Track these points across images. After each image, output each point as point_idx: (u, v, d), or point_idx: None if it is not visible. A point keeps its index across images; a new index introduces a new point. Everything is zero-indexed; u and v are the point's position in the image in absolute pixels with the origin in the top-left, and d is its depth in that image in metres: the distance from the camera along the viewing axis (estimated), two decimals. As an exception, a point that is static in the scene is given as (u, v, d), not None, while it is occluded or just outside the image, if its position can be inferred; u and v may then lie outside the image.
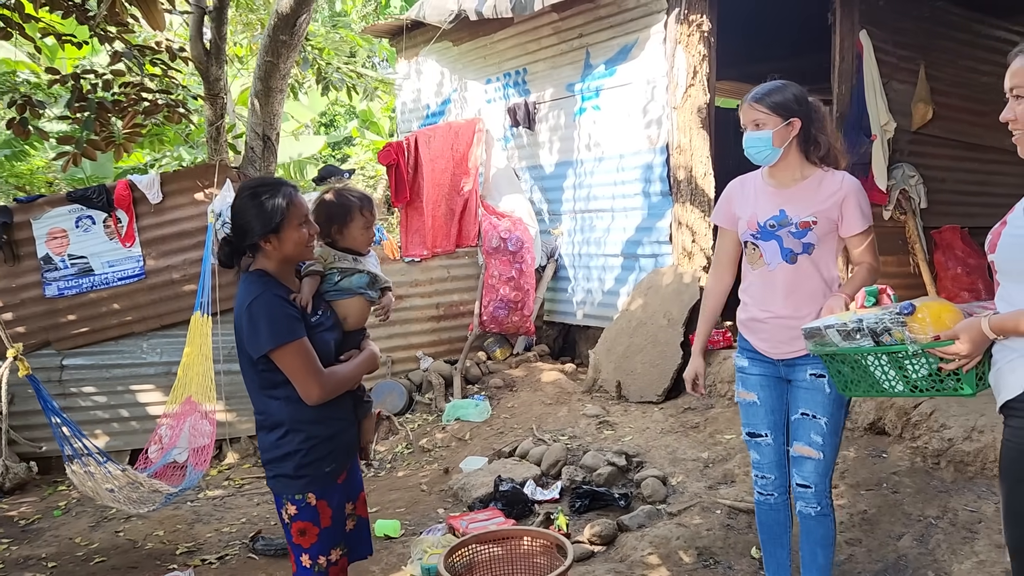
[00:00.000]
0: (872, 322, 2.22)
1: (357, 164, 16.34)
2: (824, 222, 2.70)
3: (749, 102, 2.72)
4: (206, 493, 5.48)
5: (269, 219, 2.31)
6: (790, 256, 2.73)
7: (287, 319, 2.28)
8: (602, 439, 5.21)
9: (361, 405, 2.62)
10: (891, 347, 2.20)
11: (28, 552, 4.55)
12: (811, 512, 2.80)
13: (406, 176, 7.21)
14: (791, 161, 2.75)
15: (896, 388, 2.28)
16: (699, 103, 6.11)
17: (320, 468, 2.38)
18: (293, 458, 2.36)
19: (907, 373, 2.22)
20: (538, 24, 7.29)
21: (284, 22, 5.69)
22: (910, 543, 3.54)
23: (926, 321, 2.11)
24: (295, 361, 2.28)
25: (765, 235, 2.76)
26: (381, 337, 6.90)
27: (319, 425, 2.38)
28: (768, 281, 2.79)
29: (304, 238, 2.37)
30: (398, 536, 4.39)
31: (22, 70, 9.58)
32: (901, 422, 4.36)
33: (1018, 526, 1.89)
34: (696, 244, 6.17)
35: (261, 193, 2.34)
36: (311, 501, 2.38)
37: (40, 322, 6.15)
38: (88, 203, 6.10)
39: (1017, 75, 1.89)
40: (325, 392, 2.33)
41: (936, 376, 2.16)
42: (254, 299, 2.28)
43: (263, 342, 2.26)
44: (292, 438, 2.36)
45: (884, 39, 6.36)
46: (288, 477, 2.37)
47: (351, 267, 2.59)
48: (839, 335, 2.30)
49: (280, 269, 2.40)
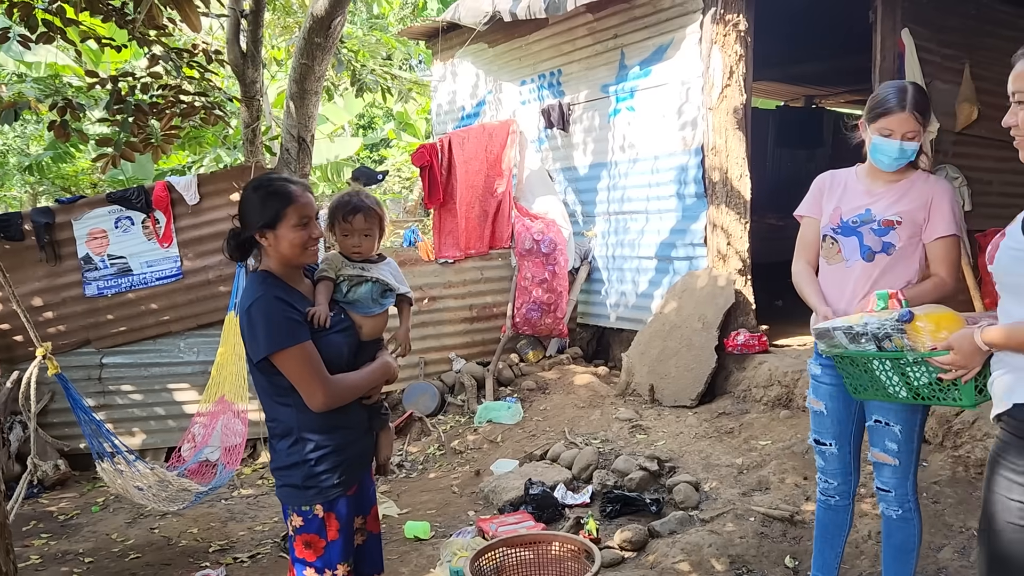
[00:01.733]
0: (875, 327, 2.25)
1: (393, 166, 16.46)
2: (909, 224, 2.65)
3: (911, 112, 2.56)
4: (240, 491, 5.53)
5: (265, 213, 2.24)
6: (868, 254, 2.68)
7: (287, 323, 2.20)
8: (634, 443, 5.15)
9: (377, 417, 2.52)
10: (892, 353, 2.22)
11: (66, 547, 4.63)
12: (892, 515, 2.78)
13: (439, 178, 7.22)
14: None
15: (900, 394, 2.31)
16: (735, 104, 6.02)
17: (329, 480, 2.29)
18: (301, 468, 2.27)
19: (909, 380, 2.25)
20: (572, 25, 7.25)
21: (319, 24, 5.71)
22: (951, 555, 3.45)
23: (924, 330, 2.14)
24: (296, 366, 2.19)
25: (846, 230, 2.73)
26: (415, 338, 6.90)
27: (329, 435, 2.29)
28: (843, 278, 2.75)
29: (302, 240, 2.26)
30: (428, 538, 4.38)
31: (67, 74, 9.79)
32: (942, 430, 4.25)
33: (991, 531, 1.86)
34: (731, 247, 6.08)
35: (264, 187, 2.29)
36: (318, 513, 2.30)
37: (80, 321, 6.26)
38: (127, 204, 6.21)
39: (1020, 79, 1.84)
40: (330, 399, 2.23)
41: (938, 385, 2.18)
42: (253, 302, 2.20)
43: (260, 347, 2.18)
44: (301, 447, 2.27)
45: (927, 38, 6.21)
46: (295, 487, 2.29)
47: (358, 276, 2.49)
48: (846, 337, 2.33)
49: (285, 271, 2.32)
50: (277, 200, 2.25)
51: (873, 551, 3.55)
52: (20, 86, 8.71)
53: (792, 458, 4.51)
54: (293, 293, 2.31)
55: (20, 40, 4.88)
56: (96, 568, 4.33)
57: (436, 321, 7.03)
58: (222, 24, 7.27)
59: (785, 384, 5.33)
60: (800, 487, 4.19)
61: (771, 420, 5.16)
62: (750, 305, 6.12)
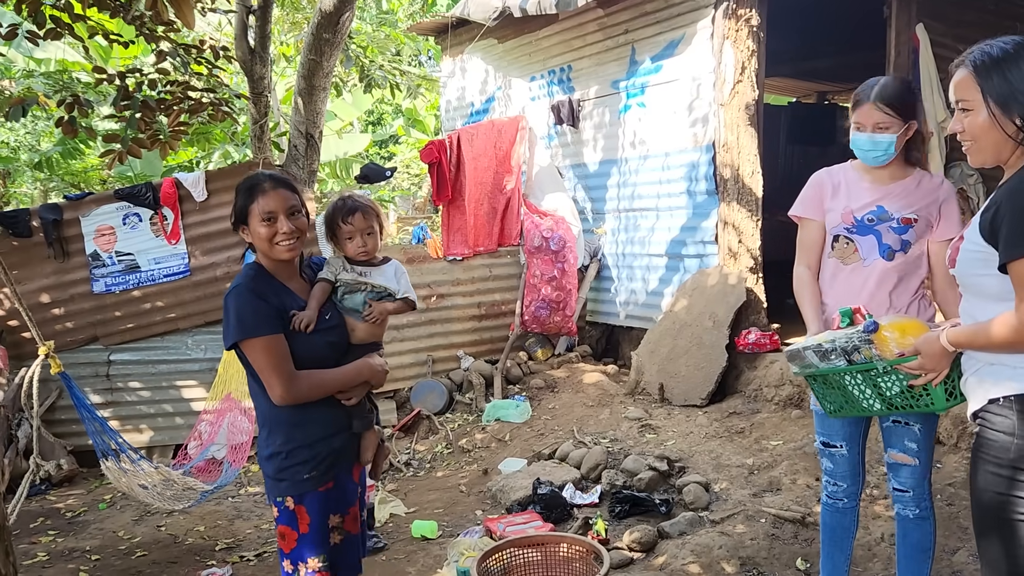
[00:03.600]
0: (843, 342, 2.28)
1: (402, 162, 16.45)
2: (923, 222, 2.64)
3: (875, 102, 2.56)
4: (247, 489, 5.51)
5: (238, 208, 2.36)
6: (888, 252, 2.65)
7: (254, 314, 2.23)
8: (644, 443, 5.11)
9: (360, 418, 2.47)
10: (862, 365, 2.25)
11: (73, 544, 4.62)
12: (909, 515, 2.74)
13: (448, 174, 7.19)
14: (895, 160, 2.66)
15: (874, 407, 2.34)
16: (747, 100, 5.96)
17: (299, 473, 2.32)
18: (275, 460, 2.33)
19: (882, 391, 2.27)
20: (583, 20, 7.20)
21: (327, 20, 5.69)
22: (966, 558, 3.39)
23: (890, 339, 2.17)
24: (259, 357, 2.24)
25: (862, 229, 2.68)
26: (422, 336, 6.90)
27: (298, 428, 2.32)
28: (860, 277, 2.70)
29: (267, 235, 2.29)
30: (435, 537, 4.35)
31: (76, 70, 9.80)
32: (957, 431, 4.19)
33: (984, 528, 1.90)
34: (742, 244, 6.02)
35: (241, 183, 2.39)
36: (289, 505, 2.34)
37: (88, 318, 6.26)
38: (135, 200, 6.20)
39: (961, 87, 1.89)
40: (289, 394, 2.24)
41: (909, 392, 2.21)
42: (230, 290, 2.29)
43: (228, 334, 2.26)
44: (274, 439, 2.33)
45: (943, 33, 6.13)
46: (271, 479, 2.35)
47: (353, 283, 2.48)
48: (816, 356, 2.37)
49: (272, 264, 2.37)
50: (245, 195, 2.35)
51: (886, 554, 3.50)
52: (29, 82, 8.72)
53: (804, 459, 4.46)
54: (278, 288, 2.35)
55: (28, 36, 4.86)
56: (102, 566, 4.31)
57: (444, 319, 7.00)
58: (230, 20, 7.26)
59: (797, 383, 5.27)
60: (812, 488, 4.14)
61: (782, 420, 5.11)
62: (761, 303, 6.06)
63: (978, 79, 1.85)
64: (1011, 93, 1.80)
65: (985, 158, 1.91)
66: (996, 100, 1.82)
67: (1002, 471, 1.80)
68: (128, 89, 5.32)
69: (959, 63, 1.91)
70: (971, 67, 1.87)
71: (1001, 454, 1.80)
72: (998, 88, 1.82)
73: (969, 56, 1.89)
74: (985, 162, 1.92)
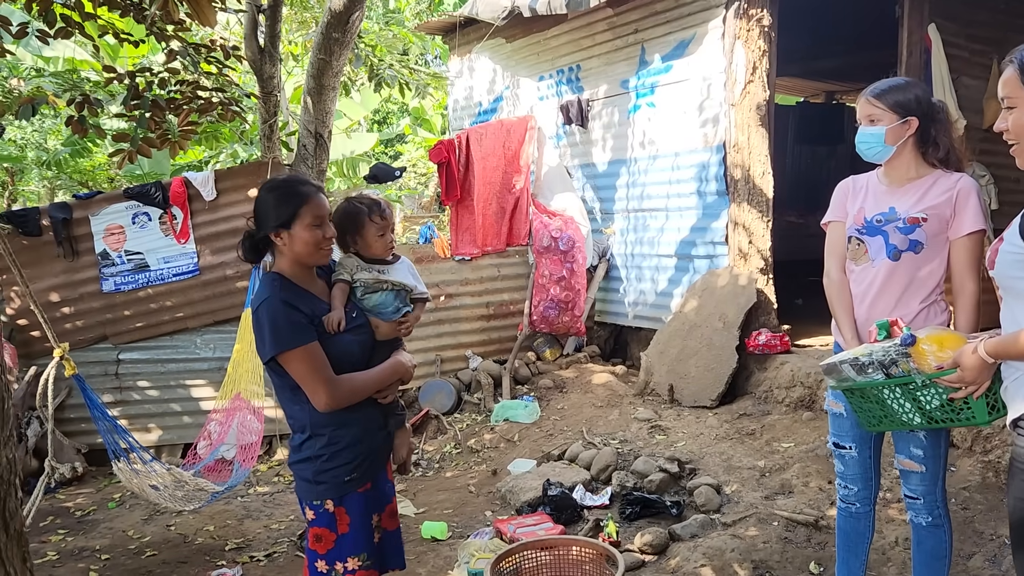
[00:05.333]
0: (880, 355, 2.25)
1: (409, 161, 16.43)
2: (935, 220, 2.60)
3: (867, 97, 2.65)
4: (256, 489, 5.51)
5: (280, 213, 2.28)
6: (894, 252, 2.63)
7: (290, 325, 2.23)
8: (654, 444, 5.08)
9: (393, 416, 2.53)
10: (901, 379, 2.22)
11: (83, 543, 4.62)
12: (922, 522, 2.72)
13: (457, 174, 7.17)
14: (906, 160, 2.66)
15: (914, 420, 2.30)
16: (758, 100, 5.93)
17: (339, 476, 2.33)
18: (313, 463, 2.32)
19: (921, 404, 2.24)
20: (592, 20, 7.17)
21: (337, 19, 5.67)
22: (981, 563, 3.36)
23: (928, 352, 2.14)
24: (300, 367, 2.23)
25: (871, 230, 2.69)
26: (431, 335, 6.89)
27: (340, 430, 2.33)
28: (869, 278, 2.70)
29: (316, 239, 2.30)
30: (445, 538, 4.34)
31: (85, 69, 9.81)
32: (972, 435, 4.16)
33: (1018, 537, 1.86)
34: (753, 245, 5.99)
35: (280, 187, 2.34)
36: (328, 508, 2.34)
37: (97, 317, 6.26)
38: (144, 200, 6.19)
39: (1007, 85, 1.84)
40: (334, 400, 2.26)
41: (950, 406, 2.17)
42: (261, 303, 2.25)
43: (267, 348, 2.23)
44: (313, 443, 2.32)
45: (955, 32, 6.10)
46: (308, 482, 2.35)
47: (374, 282, 2.49)
48: (853, 369, 2.34)
49: (296, 271, 2.35)
50: (293, 200, 2.29)
51: (900, 558, 3.47)
52: (39, 81, 8.73)
53: (816, 461, 4.43)
54: (303, 295, 2.34)
55: (38, 35, 4.86)
56: (112, 565, 4.31)
57: (453, 319, 6.99)
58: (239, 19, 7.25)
59: (808, 385, 5.25)
60: (824, 491, 4.11)
61: (793, 422, 5.08)
62: (772, 304, 6.03)
63: (1023, 78, 1.80)
64: None
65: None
66: None
67: None
68: (138, 88, 5.32)
69: (1008, 61, 1.86)
70: (1017, 65, 1.82)
71: None
72: None
73: (1016, 53, 1.85)
74: None
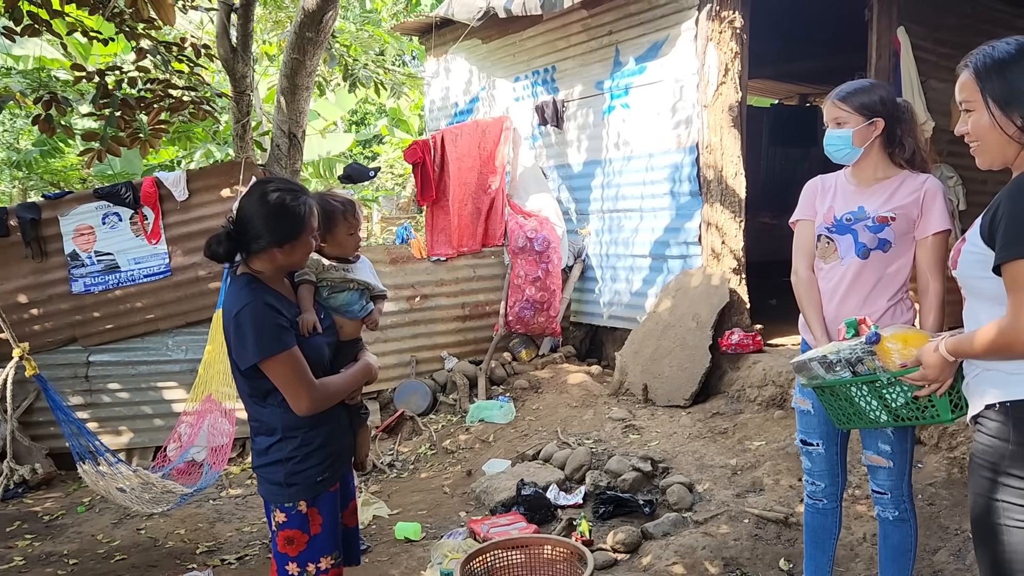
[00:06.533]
0: (847, 353, 2.29)
1: (386, 162, 16.39)
2: (903, 220, 2.64)
3: (832, 100, 2.69)
4: (228, 491, 5.46)
5: (291, 228, 2.25)
6: (863, 251, 2.67)
7: (275, 329, 2.20)
8: (628, 443, 5.10)
9: (357, 416, 2.58)
10: (867, 377, 2.26)
11: (50, 548, 4.55)
12: (888, 517, 2.76)
13: (432, 174, 7.15)
14: (873, 161, 2.71)
15: (881, 418, 2.34)
16: (730, 101, 5.98)
17: (312, 476, 2.32)
18: (284, 465, 2.31)
19: (887, 402, 2.28)
20: (567, 21, 7.19)
21: (310, 19, 5.65)
22: (946, 558, 3.41)
23: (893, 350, 2.18)
24: (284, 372, 2.22)
25: (841, 229, 2.73)
26: (406, 336, 6.87)
27: (312, 432, 2.32)
28: (838, 275, 2.74)
29: (312, 248, 2.35)
30: (419, 539, 4.33)
31: (55, 67, 9.69)
32: (938, 431, 4.21)
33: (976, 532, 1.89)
34: (726, 245, 6.04)
35: (285, 199, 2.26)
36: (302, 509, 2.33)
37: (66, 318, 6.16)
38: (115, 200, 6.11)
39: (964, 88, 1.89)
40: (315, 404, 2.26)
41: (915, 404, 2.21)
42: (242, 308, 2.21)
43: (250, 354, 2.20)
44: (284, 445, 2.31)
45: (923, 36, 6.18)
46: (279, 485, 2.32)
47: (341, 281, 2.53)
48: (822, 367, 2.38)
49: (274, 275, 2.35)
50: (302, 215, 2.28)
51: (868, 554, 3.51)
52: (6, 80, 8.61)
53: (786, 459, 4.47)
54: (280, 298, 2.33)
55: (5, 33, 4.79)
56: (80, 570, 4.25)
57: (428, 319, 6.97)
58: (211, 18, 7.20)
59: (779, 384, 5.29)
60: (794, 488, 4.15)
61: (765, 420, 5.12)
62: (744, 304, 6.08)
63: (978, 81, 1.85)
64: (1011, 94, 1.80)
65: (991, 159, 1.90)
66: (995, 101, 1.82)
67: (992, 476, 1.81)
68: (107, 87, 5.26)
69: (963, 64, 1.90)
70: (972, 68, 1.87)
71: (993, 459, 1.81)
72: (997, 89, 1.82)
73: (971, 57, 1.89)
74: (992, 164, 1.90)
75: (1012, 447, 1.77)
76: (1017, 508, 1.76)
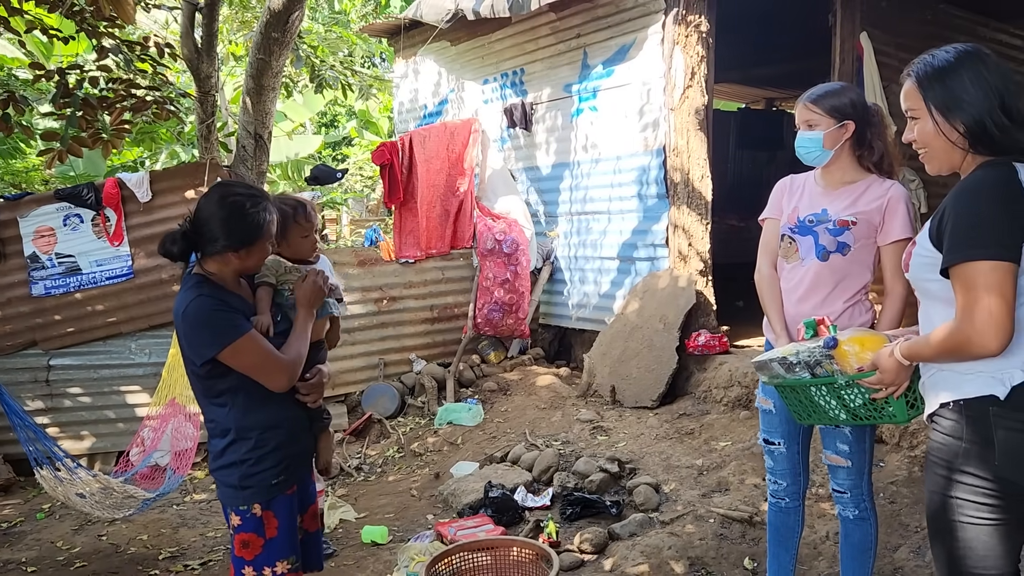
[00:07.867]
0: (806, 355, 2.32)
1: (355, 164, 16.29)
2: (864, 225, 2.67)
3: (804, 102, 2.70)
4: (193, 496, 5.39)
5: (248, 233, 2.25)
6: (823, 253, 2.70)
7: (227, 317, 2.20)
8: (595, 445, 5.12)
9: (319, 420, 2.56)
10: (826, 379, 2.29)
11: (8, 556, 4.46)
12: (849, 516, 2.79)
13: (400, 176, 7.13)
14: (842, 164, 2.73)
15: (840, 416, 2.37)
16: (697, 105, 6.03)
17: (267, 479, 2.30)
18: (239, 468, 2.28)
19: (846, 402, 2.32)
20: (536, 24, 7.21)
21: (276, 19, 5.60)
22: (906, 555, 3.46)
23: (850, 353, 2.20)
24: (249, 355, 2.21)
25: (803, 230, 2.76)
26: (374, 339, 6.83)
27: (267, 433, 2.30)
28: (798, 276, 2.77)
29: (268, 254, 2.36)
30: (385, 543, 4.30)
31: (14, 66, 9.50)
32: (899, 431, 4.28)
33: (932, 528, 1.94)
34: (692, 248, 6.08)
35: (244, 203, 2.25)
36: (256, 512, 2.31)
37: (26, 321, 6.04)
38: (76, 201, 6.00)
39: (909, 97, 1.94)
40: (290, 373, 2.27)
41: (872, 404, 2.24)
42: (189, 304, 2.20)
43: (207, 347, 2.18)
44: (238, 447, 2.28)
45: (885, 42, 6.28)
46: (233, 487, 2.31)
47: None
48: (782, 367, 2.41)
49: (228, 277, 2.33)
50: (262, 221, 2.27)
51: (831, 552, 3.56)
52: (-35, 79, 8.43)
53: (751, 459, 4.51)
54: (231, 296, 2.31)
55: (-39, 30, 4.70)
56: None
57: (396, 322, 6.94)
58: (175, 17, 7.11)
59: (745, 385, 5.34)
60: (759, 488, 4.18)
61: (731, 421, 5.17)
62: (711, 306, 6.13)
63: (921, 89, 1.90)
64: (952, 101, 1.84)
65: (939, 165, 1.94)
66: (938, 108, 1.86)
67: (946, 474, 1.84)
68: (68, 86, 5.16)
69: (906, 73, 1.95)
70: (915, 77, 1.91)
71: (947, 457, 1.85)
72: (939, 96, 1.86)
73: (913, 66, 1.93)
74: (940, 169, 1.94)
75: (965, 445, 1.81)
76: (971, 504, 1.80)
